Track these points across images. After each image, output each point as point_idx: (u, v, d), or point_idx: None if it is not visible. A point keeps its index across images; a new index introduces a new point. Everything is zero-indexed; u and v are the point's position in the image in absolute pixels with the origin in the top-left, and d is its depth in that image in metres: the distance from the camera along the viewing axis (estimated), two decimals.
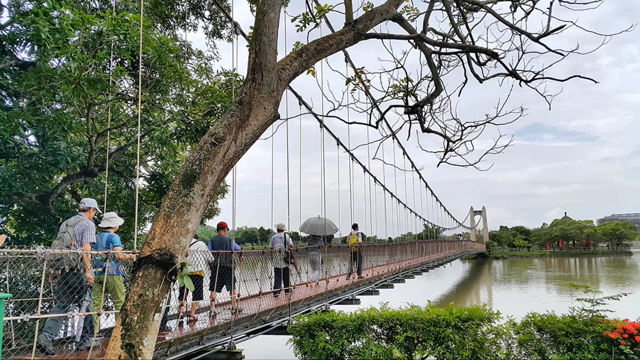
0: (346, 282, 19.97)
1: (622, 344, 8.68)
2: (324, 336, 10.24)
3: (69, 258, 8.02)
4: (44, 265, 7.22)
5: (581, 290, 9.87)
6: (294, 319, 11.63)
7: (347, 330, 10.17)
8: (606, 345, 8.83)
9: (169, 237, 3.82)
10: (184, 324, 10.97)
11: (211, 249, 12.01)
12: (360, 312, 10.65)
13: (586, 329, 9.10)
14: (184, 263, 3.85)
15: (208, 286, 11.60)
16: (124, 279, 9.15)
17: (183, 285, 4.04)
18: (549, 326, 9.33)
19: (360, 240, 21.76)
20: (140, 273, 3.67)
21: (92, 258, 8.51)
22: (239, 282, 11.67)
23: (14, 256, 8.14)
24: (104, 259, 8.79)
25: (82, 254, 8.12)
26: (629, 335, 8.74)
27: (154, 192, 16.83)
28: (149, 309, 3.55)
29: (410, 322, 9.84)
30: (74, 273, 8.07)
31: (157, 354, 8.50)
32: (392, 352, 9.76)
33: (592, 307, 9.65)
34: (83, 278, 8.11)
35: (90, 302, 8.64)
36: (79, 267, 8.10)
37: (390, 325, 10.10)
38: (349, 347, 10.14)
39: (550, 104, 7.00)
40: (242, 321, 11.35)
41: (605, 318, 9.39)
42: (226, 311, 12.06)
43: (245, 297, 12.36)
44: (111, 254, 8.63)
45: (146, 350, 3.46)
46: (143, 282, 3.62)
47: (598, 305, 9.63)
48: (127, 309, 3.55)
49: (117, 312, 8.29)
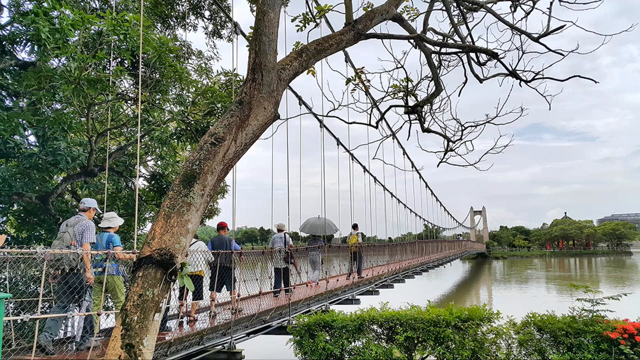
0: (346, 282, 19.96)
1: (622, 344, 8.68)
2: (324, 336, 10.24)
3: (69, 258, 8.02)
4: (44, 265, 7.22)
5: (581, 291, 9.87)
6: (294, 319, 11.63)
7: (347, 330, 10.17)
8: (606, 345, 8.82)
9: (169, 237, 3.82)
10: (184, 324, 10.97)
11: (211, 249, 12.01)
12: (360, 312, 10.65)
13: (586, 328, 9.10)
14: (184, 263, 3.85)
15: (208, 286, 11.60)
16: (124, 279, 9.16)
17: (183, 285, 4.04)
18: (549, 326, 9.33)
19: (360, 240, 21.76)
20: (140, 273, 3.67)
21: (92, 258, 8.52)
22: (239, 282, 11.67)
23: (14, 256, 8.15)
24: (104, 259, 8.79)
25: (82, 254, 8.12)
26: (629, 335, 8.74)
27: (154, 192, 16.83)
28: (149, 309, 3.55)
29: (410, 322, 9.84)
30: (74, 273, 8.07)
31: (157, 354, 8.50)
32: (392, 352, 9.76)
33: (592, 307, 9.65)
34: (83, 278, 8.12)
35: (90, 302, 8.64)
36: (79, 267, 8.10)
37: (391, 325, 10.10)
38: (349, 347, 10.14)
39: (550, 104, 7.01)
40: (242, 321, 11.35)
41: (605, 318, 9.39)
42: (226, 311, 12.06)
43: (245, 297, 12.36)
44: (111, 254, 8.63)
45: (146, 350, 3.46)
46: (143, 282, 3.62)
47: (598, 305, 9.63)
48: (127, 309, 3.55)
49: (117, 312, 8.29)
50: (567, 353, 8.99)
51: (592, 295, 9.76)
